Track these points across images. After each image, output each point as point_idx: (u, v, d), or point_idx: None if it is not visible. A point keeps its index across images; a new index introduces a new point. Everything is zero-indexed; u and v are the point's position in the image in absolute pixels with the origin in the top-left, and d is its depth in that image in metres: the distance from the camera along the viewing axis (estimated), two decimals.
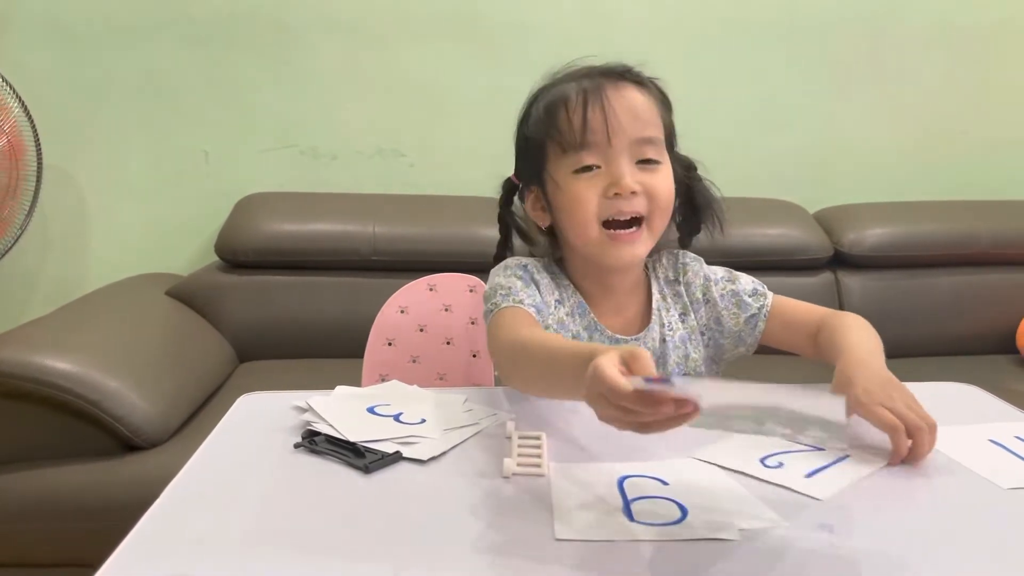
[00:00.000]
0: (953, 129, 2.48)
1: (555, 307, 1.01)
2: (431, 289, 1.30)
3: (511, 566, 0.61)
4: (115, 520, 0.67)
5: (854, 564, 0.62)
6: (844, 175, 2.47)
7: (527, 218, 1.09)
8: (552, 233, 1.06)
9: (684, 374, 1.05)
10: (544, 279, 1.02)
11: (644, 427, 0.62)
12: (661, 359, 1.04)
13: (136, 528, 0.65)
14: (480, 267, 2.02)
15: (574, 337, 1.02)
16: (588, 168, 0.95)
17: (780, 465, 0.77)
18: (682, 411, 0.60)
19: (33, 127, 2.07)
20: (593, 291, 1.04)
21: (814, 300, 1.09)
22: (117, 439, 1.55)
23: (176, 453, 1.52)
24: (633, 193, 0.94)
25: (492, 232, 1.66)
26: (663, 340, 1.04)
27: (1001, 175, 2.52)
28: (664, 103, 1.02)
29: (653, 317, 1.05)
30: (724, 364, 1.12)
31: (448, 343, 1.29)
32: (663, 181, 0.97)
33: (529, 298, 0.97)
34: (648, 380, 0.60)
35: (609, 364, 0.62)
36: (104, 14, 2.20)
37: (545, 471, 0.75)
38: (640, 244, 0.98)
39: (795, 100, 2.42)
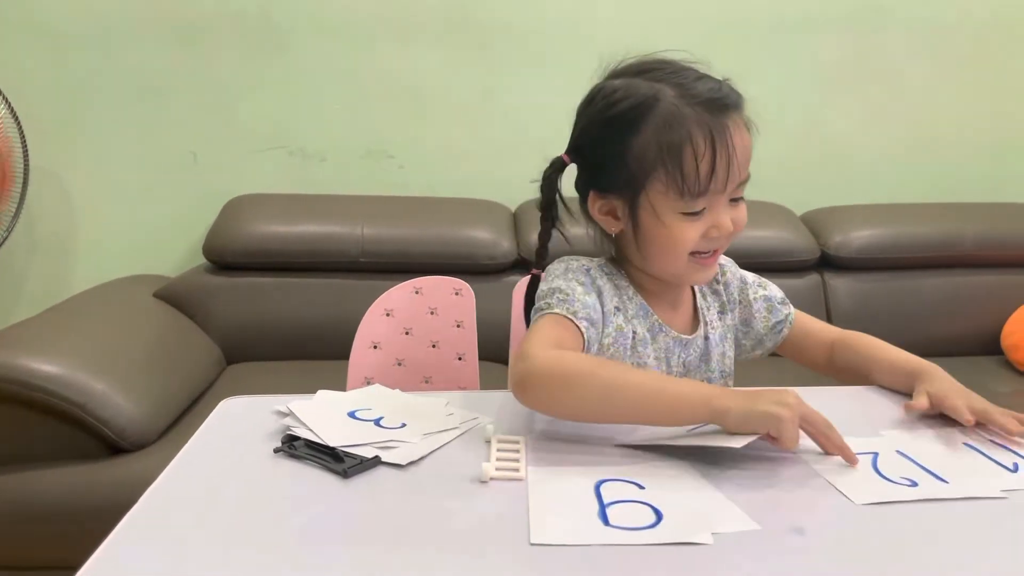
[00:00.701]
0: (939, 132, 2.50)
1: (614, 314, 0.99)
2: (417, 292, 1.30)
3: (486, 570, 0.61)
4: (100, 523, 0.67)
5: (826, 566, 0.63)
6: (831, 177, 2.48)
7: (562, 204, 1.05)
8: (619, 237, 1.02)
9: (721, 371, 1.08)
10: (606, 285, 1.00)
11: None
12: (705, 355, 1.06)
13: (115, 531, 0.66)
14: (468, 269, 2.04)
15: (638, 339, 1.00)
16: (697, 213, 0.94)
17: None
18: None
19: (20, 128, 2.06)
20: (652, 290, 1.04)
21: (801, 302, 1.10)
22: (103, 442, 1.55)
23: (162, 456, 1.50)
24: (730, 232, 0.97)
25: (481, 234, 1.69)
26: (706, 337, 1.06)
27: (986, 177, 2.53)
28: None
29: (700, 315, 1.08)
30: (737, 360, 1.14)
31: (434, 346, 1.29)
32: (745, 215, 0.99)
33: (584, 309, 0.94)
34: None
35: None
36: (92, 14, 2.20)
37: (523, 475, 0.76)
38: (716, 265, 1.03)
39: (782, 102, 2.43)
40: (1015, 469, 0.80)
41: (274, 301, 2.12)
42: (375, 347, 1.27)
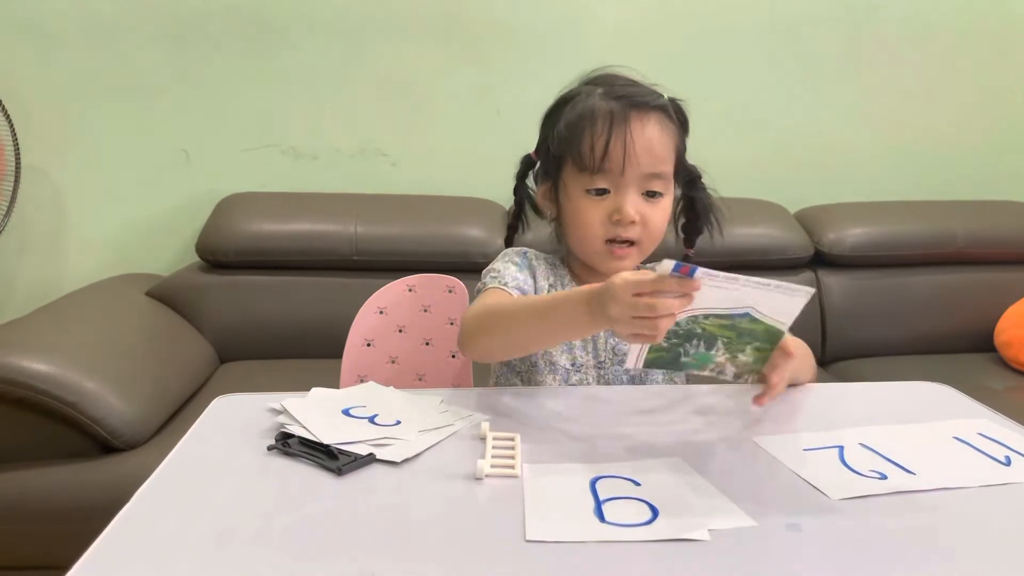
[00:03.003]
0: (932, 129, 2.51)
1: (548, 291, 1.09)
2: (410, 290, 1.30)
3: (481, 567, 0.61)
4: (93, 522, 0.67)
5: (822, 563, 0.63)
6: (824, 175, 2.49)
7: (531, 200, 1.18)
8: (556, 222, 1.15)
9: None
10: (541, 266, 1.12)
11: (655, 327, 0.75)
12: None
13: (107, 530, 0.65)
14: (462, 267, 2.04)
15: None
16: (600, 191, 1.04)
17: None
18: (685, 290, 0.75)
19: (11, 126, 2.05)
20: (586, 279, 1.11)
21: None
22: (95, 441, 1.54)
23: (155, 455, 1.50)
24: (632, 222, 1.03)
25: (474, 232, 1.67)
26: None
27: (979, 174, 2.54)
28: (683, 126, 1.11)
29: None
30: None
31: (427, 344, 1.29)
32: (660, 214, 1.07)
33: (514, 281, 1.06)
34: (676, 267, 0.74)
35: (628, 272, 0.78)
36: (83, 12, 2.19)
37: (518, 472, 0.75)
38: (630, 260, 1.07)
39: (775, 100, 2.44)
40: (1007, 463, 0.80)
41: (267, 299, 2.11)
42: (368, 345, 1.27)
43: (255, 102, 2.29)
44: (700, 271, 0.74)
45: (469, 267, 2.09)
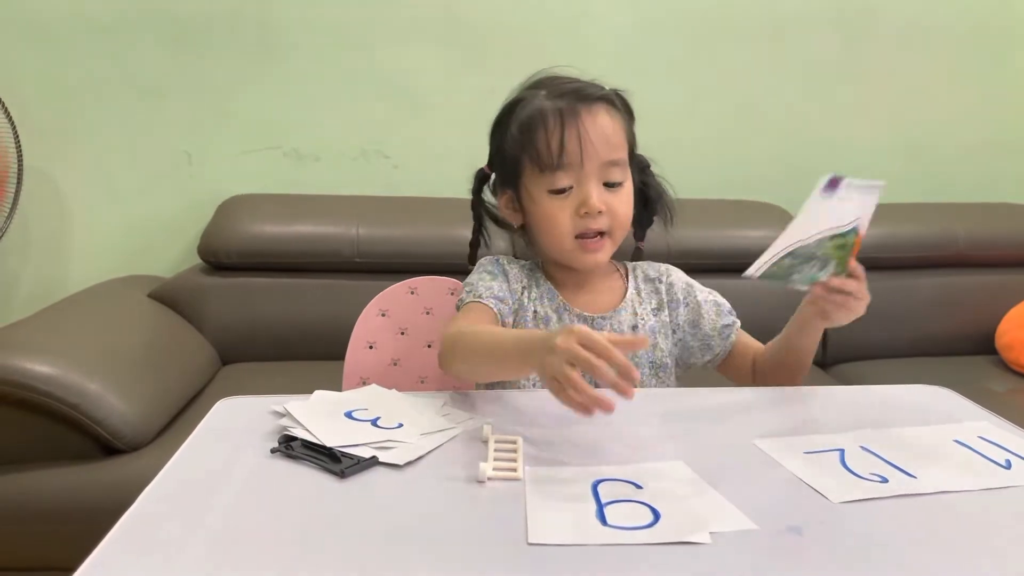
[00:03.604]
0: (931, 131, 2.51)
1: (522, 293, 1.11)
2: (412, 292, 1.30)
3: (483, 570, 0.61)
4: (96, 524, 0.67)
5: (824, 566, 0.63)
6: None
7: (496, 207, 1.19)
8: (523, 230, 1.16)
9: (651, 361, 1.13)
10: (514, 269, 1.14)
11: (590, 401, 0.75)
12: None
13: (111, 533, 0.65)
14: (464, 269, 2.03)
15: (542, 318, 1.10)
16: (562, 190, 1.05)
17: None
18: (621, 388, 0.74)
19: (13, 128, 2.06)
20: (561, 279, 1.14)
21: (794, 302, 1.10)
22: (98, 442, 1.55)
23: (157, 456, 1.51)
24: (600, 212, 1.05)
25: None
26: (634, 327, 1.13)
27: (978, 177, 2.55)
28: (629, 115, 1.12)
29: (625, 303, 1.14)
30: (683, 370, 1.19)
31: (429, 346, 1.29)
32: (624, 201, 1.08)
33: (489, 291, 1.08)
34: (827, 182, 0.83)
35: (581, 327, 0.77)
36: (85, 14, 2.19)
37: (520, 475, 0.76)
38: (603, 252, 1.09)
39: (774, 102, 2.44)
40: (1008, 466, 0.80)
41: (269, 301, 2.12)
42: (371, 347, 1.27)
43: (257, 104, 2.29)
44: (846, 180, 0.83)
45: (471, 269, 2.09)
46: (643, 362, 1.11)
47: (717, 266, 2.13)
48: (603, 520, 0.67)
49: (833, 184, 0.84)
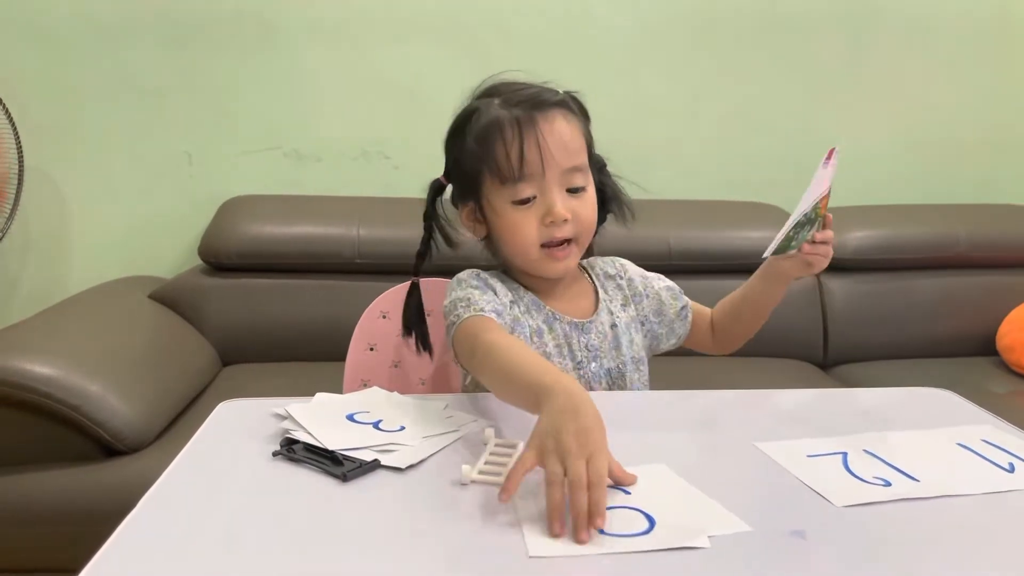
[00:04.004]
0: (933, 133, 2.51)
1: (511, 307, 1.08)
2: None
3: (483, 574, 0.61)
4: (97, 525, 0.67)
5: (827, 570, 0.63)
6: None
7: (449, 220, 1.17)
8: (487, 240, 1.14)
9: (632, 356, 1.14)
10: (497, 284, 1.10)
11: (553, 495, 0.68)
12: (615, 342, 1.13)
13: (114, 535, 0.65)
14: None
15: (533, 331, 1.09)
16: (526, 200, 1.04)
17: None
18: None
19: (14, 129, 2.05)
20: (540, 288, 1.13)
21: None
22: (98, 444, 1.55)
23: (158, 458, 1.52)
24: (565, 220, 1.03)
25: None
26: (613, 325, 1.13)
27: (980, 178, 2.54)
28: (585, 117, 1.11)
29: (601, 305, 1.14)
30: (650, 356, 1.21)
31: None
32: (588, 207, 1.07)
33: (488, 304, 1.03)
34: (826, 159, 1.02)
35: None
36: (86, 15, 2.19)
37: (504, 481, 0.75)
38: (571, 259, 1.08)
39: (776, 103, 2.44)
40: (1011, 469, 0.80)
41: (270, 303, 2.11)
42: (371, 349, 1.27)
43: (257, 105, 2.29)
44: (837, 148, 0.97)
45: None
46: (627, 360, 1.12)
47: (717, 267, 2.14)
48: (600, 528, 0.67)
49: (830, 155, 0.96)
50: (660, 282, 1.21)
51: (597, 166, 1.13)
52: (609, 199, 1.16)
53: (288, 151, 2.33)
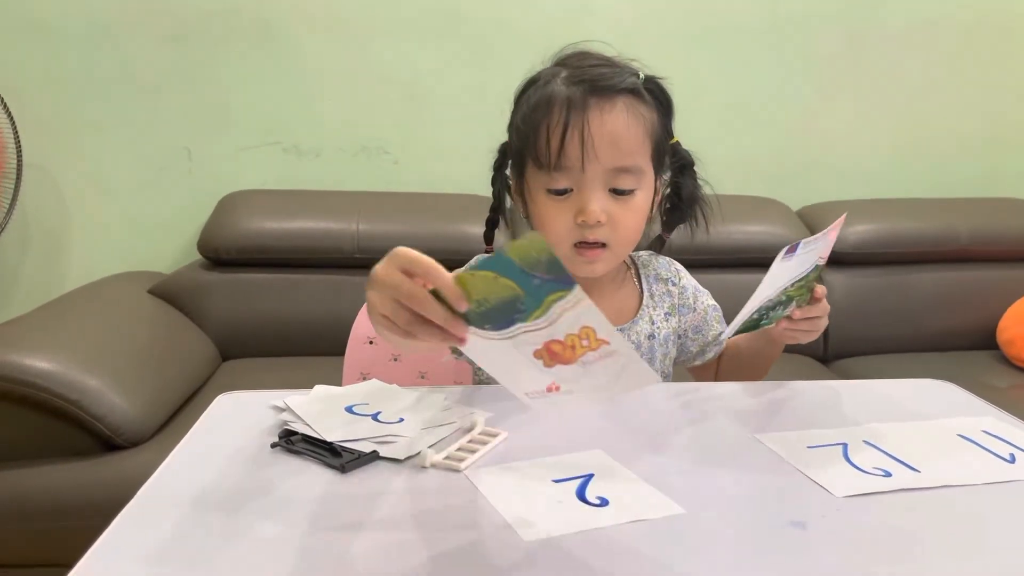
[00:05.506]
0: (934, 127, 2.51)
1: None
2: None
3: (482, 563, 0.61)
4: (95, 520, 0.66)
5: (827, 560, 0.62)
6: (827, 173, 2.49)
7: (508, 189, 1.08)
8: (529, 220, 1.05)
9: (662, 372, 1.08)
10: None
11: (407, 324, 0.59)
12: (649, 354, 1.05)
13: (110, 528, 0.65)
14: (463, 265, 2.02)
15: None
16: (562, 192, 0.94)
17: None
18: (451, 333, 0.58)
19: (13, 124, 2.05)
20: (578, 279, 1.05)
21: None
22: (97, 438, 1.55)
23: (157, 452, 1.52)
24: (599, 223, 0.93)
25: (477, 229, 1.65)
26: (651, 336, 1.06)
27: (980, 172, 2.54)
28: (663, 109, 1.00)
29: (642, 312, 1.06)
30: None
31: None
32: (631, 213, 0.95)
33: None
34: (785, 251, 0.83)
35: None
36: (85, 11, 2.19)
37: (462, 468, 0.74)
38: (600, 264, 0.98)
39: (778, 98, 2.43)
40: (1012, 460, 0.80)
41: (269, 297, 2.11)
42: (371, 343, 1.26)
43: (257, 100, 2.28)
44: (803, 242, 0.83)
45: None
46: (656, 374, 1.08)
47: (717, 261, 2.14)
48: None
49: (791, 250, 0.83)
50: (709, 300, 1.13)
51: (678, 164, 1.03)
52: (684, 203, 1.04)
53: (287, 146, 2.33)
